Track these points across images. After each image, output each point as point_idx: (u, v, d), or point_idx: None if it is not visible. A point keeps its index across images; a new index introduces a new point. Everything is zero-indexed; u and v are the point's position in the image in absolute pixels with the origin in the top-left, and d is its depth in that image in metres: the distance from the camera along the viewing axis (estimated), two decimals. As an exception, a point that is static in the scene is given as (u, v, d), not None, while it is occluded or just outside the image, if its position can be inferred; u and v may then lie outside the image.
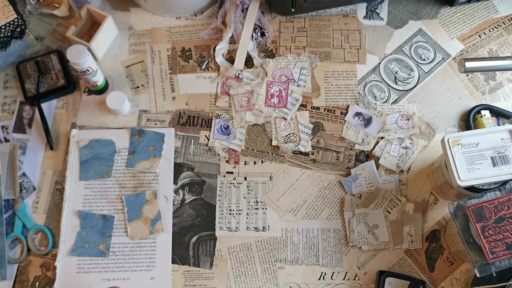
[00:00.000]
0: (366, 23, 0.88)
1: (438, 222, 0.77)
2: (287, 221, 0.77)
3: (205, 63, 0.85)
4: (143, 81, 0.84)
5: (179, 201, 0.77)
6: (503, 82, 0.85)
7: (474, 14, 0.89)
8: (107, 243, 0.74)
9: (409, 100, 0.83)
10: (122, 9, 0.89)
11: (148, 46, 0.86)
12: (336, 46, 0.87)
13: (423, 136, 0.81)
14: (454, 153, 0.66)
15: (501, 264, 0.61)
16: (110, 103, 0.78)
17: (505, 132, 0.67)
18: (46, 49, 0.85)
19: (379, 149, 0.80)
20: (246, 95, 0.82)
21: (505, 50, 0.87)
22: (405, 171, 0.79)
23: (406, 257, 0.75)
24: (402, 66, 0.85)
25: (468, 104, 0.83)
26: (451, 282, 0.74)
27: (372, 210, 0.76)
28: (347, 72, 0.85)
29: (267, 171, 0.79)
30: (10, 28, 0.78)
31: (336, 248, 0.76)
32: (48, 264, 0.74)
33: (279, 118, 0.81)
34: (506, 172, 0.65)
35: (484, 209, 0.63)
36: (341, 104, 0.83)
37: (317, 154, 0.80)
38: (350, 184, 0.78)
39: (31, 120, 0.80)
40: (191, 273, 0.74)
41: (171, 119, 0.82)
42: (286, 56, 0.85)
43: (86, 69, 0.75)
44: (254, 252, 0.75)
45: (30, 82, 0.80)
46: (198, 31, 0.87)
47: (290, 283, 0.74)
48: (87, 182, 0.77)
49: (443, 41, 0.87)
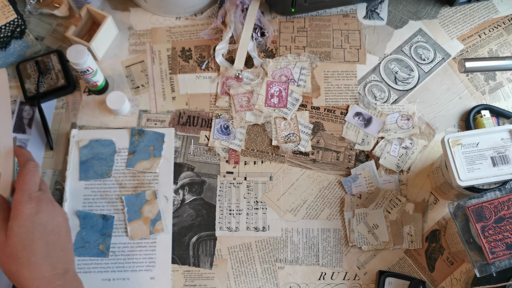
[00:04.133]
0: (366, 23, 0.88)
1: (438, 222, 0.77)
2: (287, 221, 0.77)
3: (205, 63, 0.85)
4: (143, 81, 0.84)
5: (179, 201, 0.77)
6: (503, 82, 0.85)
7: (474, 14, 0.89)
8: (107, 243, 0.74)
9: (409, 100, 0.83)
10: (122, 9, 0.89)
11: (148, 46, 0.86)
12: (336, 46, 0.87)
13: (423, 136, 0.81)
14: (454, 153, 0.66)
15: (501, 264, 0.61)
16: (110, 103, 0.78)
17: (505, 132, 0.67)
18: (46, 49, 0.85)
19: (379, 149, 0.80)
20: (246, 95, 0.82)
21: (505, 50, 0.87)
22: (405, 171, 0.79)
23: (406, 257, 0.75)
24: (402, 66, 0.85)
25: (468, 104, 0.83)
26: (451, 282, 0.74)
27: (372, 210, 0.76)
28: (347, 72, 0.85)
29: (267, 171, 0.79)
30: (10, 28, 0.78)
31: (336, 248, 0.76)
32: (48, 264, 0.74)
33: (279, 118, 0.81)
34: (506, 172, 0.65)
35: (484, 209, 0.63)
36: (341, 104, 0.83)
37: (317, 154, 0.80)
38: (350, 184, 0.78)
39: (31, 120, 0.80)
40: (191, 273, 0.74)
41: (171, 119, 0.82)
42: (286, 56, 0.85)
43: (86, 69, 0.75)
44: (254, 252, 0.75)
45: (30, 82, 0.80)
46: (198, 31, 0.87)
47: (290, 283, 0.74)
48: (87, 182, 0.77)
49: (443, 41, 0.87)
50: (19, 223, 0.59)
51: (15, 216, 0.60)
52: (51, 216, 0.62)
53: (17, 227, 0.59)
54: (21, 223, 0.59)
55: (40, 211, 0.61)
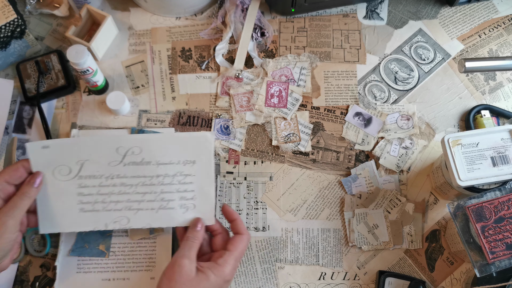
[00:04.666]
0: (366, 23, 0.88)
1: (438, 222, 0.77)
2: (287, 221, 0.77)
3: (205, 63, 0.85)
4: (143, 81, 0.84)
5: (179, 201, 0.77)
6: (503, 82, 0.85)
7: (474, 14, 0.89)
8: (107, 243, 0.74)
9: (409, 100, 0.83)
10: (122, 9, 0.89)
11: (148, 46, 0.86)
12: (336, 46, 0.87)
13: (423, 136, 0.81)
14: (454, 153, 0.66)
15: (501, 264, 0.61)
16: (110, 103, 0.78)
17: (505, 132, 0.67)
18: (46, 49, 0.85)
19: (379, 149, 0.80)
20: (246, 95, 0.82)
21: (505, 50, 0.87)
22: (405, 171, 0.79)
23: (406, 257, 0.75)
24: (402, 66, 0.85)
25: (468, 104, 0.83)
26: (451, 282, 0.74)
27: (372, 210, 0.76)
28: (347, 72, 0.85)
29: (267, 171, 0.79)
30: (10, 28, 0.78)
31: (336, 248, 0.76)
32: (48, 264, 0.74)
33: (279, 118, 0.81)
34: (506, 172, 0.65)
35: (484, 209, 0.63)
36: (341, 104, 0.83)
37: (317, 154, 0.80)
38: (350, 184, 0.78)
39: (31, 120, 0.80)
40: (191, 273, 0.74)
41: (171, 119, 0.82)
42: (286, 56, 0.85)
43: (86, 69, 0.75)
44: (254, 252, 0.75)
45: (30, 82, 0.80)
46: (198, 31, 0.87)
47: (290, 283, 0.74)
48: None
49: (443, 41, 0.87)
50: (215, 277, 0.60)
51: (218, 268, 0.61)
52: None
53: (213, 276, 0.60)
54: (216, 278, 0.60)
55: (230, 280, 0.62)
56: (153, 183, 0.67)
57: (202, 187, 0.67)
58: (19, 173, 0.63)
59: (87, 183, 0.66)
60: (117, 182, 0.66)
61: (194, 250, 0.62)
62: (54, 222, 0.67)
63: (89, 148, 0.66)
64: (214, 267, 0.60)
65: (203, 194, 0.67)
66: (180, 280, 0.58)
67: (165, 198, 0.67)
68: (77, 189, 0.66)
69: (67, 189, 0.66)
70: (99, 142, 0.66)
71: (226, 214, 0.67)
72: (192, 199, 0.67)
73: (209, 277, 0.59)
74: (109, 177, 0.66)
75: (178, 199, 0.67)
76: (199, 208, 0.67)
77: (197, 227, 0.65)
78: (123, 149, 0.66)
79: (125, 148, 0.66)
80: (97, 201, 0.67)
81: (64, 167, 0.66)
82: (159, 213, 0.67)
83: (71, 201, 0.66)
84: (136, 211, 0.67)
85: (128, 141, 0.66)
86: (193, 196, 0.67)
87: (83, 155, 0.66)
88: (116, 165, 0.66)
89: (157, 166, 0.66)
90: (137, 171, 0.66)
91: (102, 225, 0.67)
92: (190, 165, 0.67)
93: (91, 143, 0.66)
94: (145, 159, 0.66)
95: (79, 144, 0.66)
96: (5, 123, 0.76)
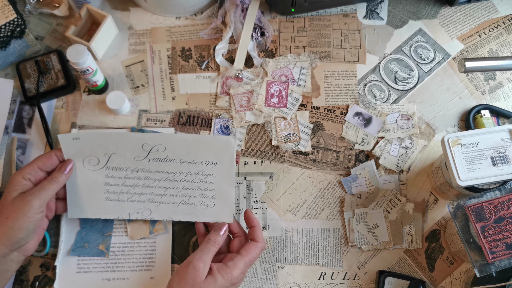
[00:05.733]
0: (366, 23, 0.88)
1: (438, 222, 0.77)
2: (287, 221, 0.77)
3: (205, 63, 0.85)
4: (143, 81, 0.84)
5: (179, 201, 0.77)
6: (503, 82, 0.85)
7: (474, 14, 0.89)
8: (107, 243, 0.74)
9: (409, 100, 0.83)
10: (122, 9, 0.88)
11: (148, 46, 0.86)
12: (336, 46, 0.87)
13: (423, 136, 0.81)
14: (454, 153, 0.66)
15: (501, 264, 0.61)
16: (110, 103, 0.78)
17: (505, 132, 0.67)
18: (46, 49, 0.85)
19: (379, 149, 0.80)
20: (246, 95, 0.82)
21: (505, 50, 0.87)
22: (405, 171, 0.79)
23: (406, 257, 0.75)
24: (402, 66, 0.85)
25: (468, 104, 0.83)
26: (451, 282, 0.74)
27: (372, 210, 0.76)
28: (347, 72, 0.85)
29: (267, 171, 0.79)
30: (10, 27, 0.78)
31: (336, 248, 0.76)
32: (48, 264, 0.74)
33: (279, 118, 0.81)
34: (506, 172, 0.65)
35: (484, 209, 0.63)
36: (341, 104, 0.83)
37: (317, 154, 0.80)
38: (350, 184, 0.78)
39: (31, 120, 0.80)
40: (191, 273, 0.74)
41: (171, 118, 0.82)
42: (286, 56, 0.85)
43: (86, 69, 0.75)
44: (254, 252, 0.75)
45: (30, 82, 0.80)
46: (198, 31, 0.87)
47: (290, 283, 0.74)
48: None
49: (443, 41, 0.87)
50: (222, 279, 0.61)
51: (227, 270, 0.62)
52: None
53: (220, 279, 0.61)
54: (223, 281, 0.61)
55: (237, 284, 0.64)
56: (176, 179, 0.71)
57: (222, 187, 0.71)
58: (51, 161, 0.67)
59: (114, 174, 0.70)
60: (141, 176, 0.70)
61: (211, 254, 0.64)
62: (81, 209, 0.71)
63: (116, 142, 0.70)
64: (223, 269, 0.62)
65: (223, 194, 0.71)
66: (190, 281, 0.60)
67: (186, 194, 0.71)
68: (104, 179, 0.70)
69: (95, 178, 0.70)
70: (126, 137, 0.70)
71: (247, 220, 0.69)
72: (212, 198, 0.71)
73: (216, 280, 0.61)
74: (134, 170, 0.70)
75: (198, 196, 0.71)
76: (218, 207, 0.71)
77: (221, 231, 0.67)
78: (148, 146, 0.70)
79: (150, 145, 0.70)
80: (122, 192, 0.71)
81: (93, 158, 0.70)
82: (180, 208, 0.71)
83: (98, 190, 0.70)
84: (158, 204, 0.71)
85: (153, 139, 0.70)
86: (213, 195, 0.71)
87: (111, 148, 0.70)
88: (141, 160, 0.70)
89: (180, 164, 0.70)
90: (161, 167, 0.70)
91: (126, 214, 0.71)
92: (212, 166, 0.70)
93: (118, 138, 0.70)
94: (168, 156, 0.70)
95: (107, 138, 0.70)
96: (5, 123, 0.76)
